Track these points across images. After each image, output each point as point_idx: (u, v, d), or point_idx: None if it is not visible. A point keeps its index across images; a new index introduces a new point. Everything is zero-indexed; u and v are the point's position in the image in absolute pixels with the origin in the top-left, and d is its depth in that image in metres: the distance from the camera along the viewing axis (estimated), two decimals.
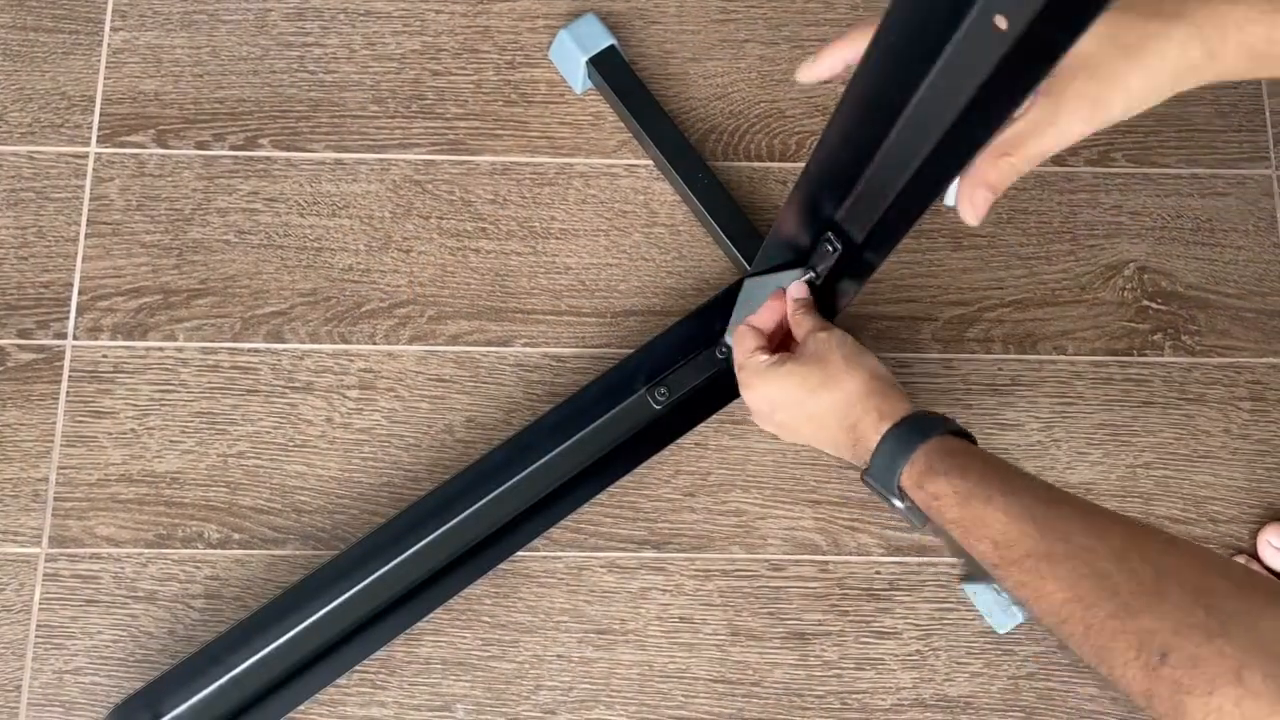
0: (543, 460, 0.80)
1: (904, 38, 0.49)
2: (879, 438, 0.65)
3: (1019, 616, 0.82)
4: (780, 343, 0.76)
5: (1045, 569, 0.54)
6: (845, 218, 0.68)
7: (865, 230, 0.67)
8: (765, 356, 0.73)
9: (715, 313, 0.84)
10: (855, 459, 0.69)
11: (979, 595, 0.84)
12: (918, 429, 0.64)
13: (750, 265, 0.81)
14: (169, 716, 0.75)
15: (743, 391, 0.75)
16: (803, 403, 0.70)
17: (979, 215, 0.57)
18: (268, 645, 0.76)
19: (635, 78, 0.89)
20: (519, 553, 0.83)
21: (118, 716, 0.76)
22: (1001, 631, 0.84)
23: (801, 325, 0.73)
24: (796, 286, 0.74)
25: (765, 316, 0.76)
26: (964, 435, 0.65)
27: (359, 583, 0.78)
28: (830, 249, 0.70)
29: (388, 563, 0.78)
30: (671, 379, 0.83)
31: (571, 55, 0.89)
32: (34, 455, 0.84)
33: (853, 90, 0.56)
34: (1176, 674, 0.46)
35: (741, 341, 0.75)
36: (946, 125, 0.51)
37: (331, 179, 0.90)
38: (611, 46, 0.89)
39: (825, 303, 0.76)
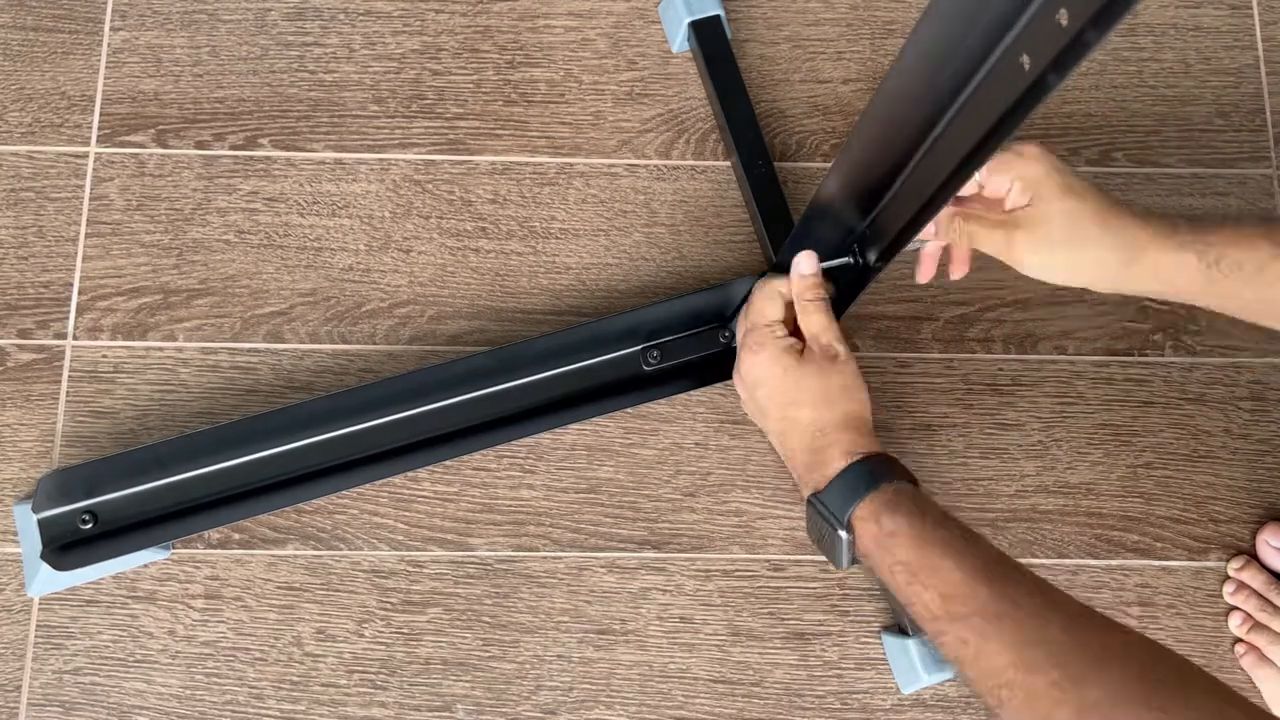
0: (521, 381, 0.81)
1: (938, 66, 0.53)
2: (845, 464, 0.66)
3: (924, 680, 0.81)
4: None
5: (991, 630, 0.54)
6: (867, 233, 0.69)
7: (880, 246, 0.68)
8: (784, 333, 0.72)
9: (734, 293, 0.83)
10: (801, 476, 0.69)
11: (897, 651, 0.83)
12: (887, 468, 0.65)
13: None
14: (103, 499, 0.77)
15: (743, 350, 0.73)
16: (791, 401, 0.70)
17: (928, 277, 0.75)
18: (213, 464, 0.79)
19: (729, 50, 0.90)
20: (518, 553, 0.84)
21: (52, 483, 0.78)
22: (906, 691, 0.83)
23: (812, 322, 0.71)
24: (808, 259, 0.72)
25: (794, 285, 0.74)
26: (917, 487, 0.66)
27: (315, 436, 0.80)
28: (855, 262, 0.71)
29: (343, 428, 0.80)
30: (669, 345, 0.83)
31: (677, 14, 0.91)
32: (34, 455, 0.84)
33: (887, 107, 0.59)
34: None
35: (768, 303, 0.73)
36: (967, 149, 0.55)
37: (331, 179, 0.90)
38: (717, 16, 0.90)
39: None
